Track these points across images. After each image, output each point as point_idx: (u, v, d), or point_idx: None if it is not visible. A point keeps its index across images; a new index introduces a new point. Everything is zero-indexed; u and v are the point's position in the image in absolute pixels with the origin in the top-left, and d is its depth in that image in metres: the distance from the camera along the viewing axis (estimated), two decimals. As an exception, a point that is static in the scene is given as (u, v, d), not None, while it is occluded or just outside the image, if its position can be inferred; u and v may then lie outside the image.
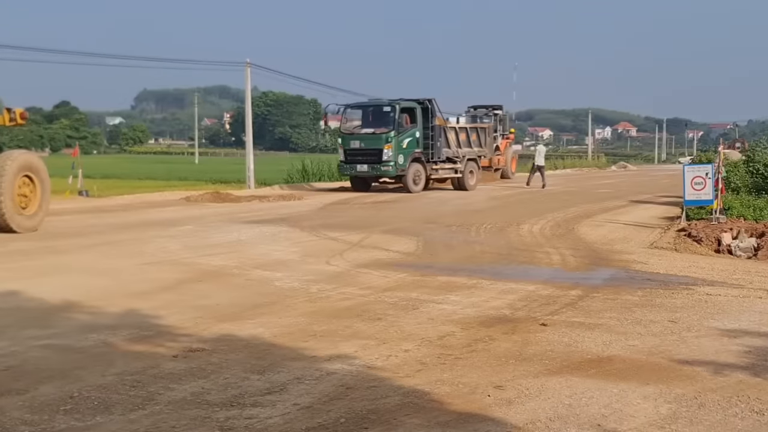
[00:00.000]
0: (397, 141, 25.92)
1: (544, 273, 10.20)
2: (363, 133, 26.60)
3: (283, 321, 7.16)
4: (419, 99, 27.47)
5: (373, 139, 26.11)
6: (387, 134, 25.91)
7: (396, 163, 25.88)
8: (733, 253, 11.88)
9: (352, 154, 26.50)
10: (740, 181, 20.79)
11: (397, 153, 25.89)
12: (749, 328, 6.95)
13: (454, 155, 28.40)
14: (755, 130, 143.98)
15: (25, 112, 16.12)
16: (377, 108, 27.16)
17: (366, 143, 26.23)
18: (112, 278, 9.36)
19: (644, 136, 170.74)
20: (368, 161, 26.06)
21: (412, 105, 26.99)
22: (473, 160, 29.46)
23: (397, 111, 26.09)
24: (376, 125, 26.39)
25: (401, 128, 26.17)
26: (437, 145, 27.27)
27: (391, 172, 26.03)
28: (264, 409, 4.75)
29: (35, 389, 5.11)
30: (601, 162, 70.56)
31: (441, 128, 27.73)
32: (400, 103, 26.64)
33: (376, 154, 25.87)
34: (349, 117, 27.92)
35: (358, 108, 28.18)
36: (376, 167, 26.00)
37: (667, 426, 4.51)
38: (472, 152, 29.57)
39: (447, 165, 28.19)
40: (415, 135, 26.73)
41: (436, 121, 27.35)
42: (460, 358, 5.92)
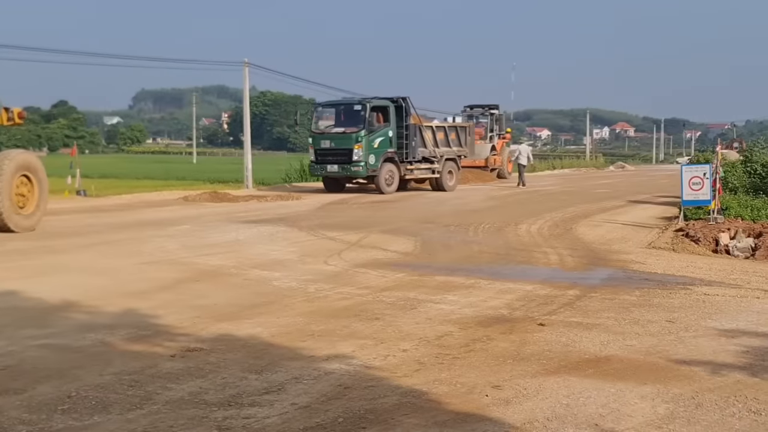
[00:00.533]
0: (367, 140, 25.18)
1: (542, 273, 10.20)
2: (333, 133, 25.93)
3: (281, 321, 7.16)
4: (393, 97, 26.75)
5: (342, 138, 25.43)
6: (357, 134, 25.17)
7: (367, 163, 25.15)
8: (730, 253, 11.90)
9: (323, 154, 25.89)
10: (738, 181, 20.83)
11: (368, 153, 25.18)
12: (747, 328, 6.96)
13: (430, 155, 27.71)
14: (753, 130, 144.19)
15: (23, 112, 16.12)
16: (348, 107, 26.49)
17: (336, 143, 25.58)
18: (109, 278, 9.36)
19: (642, 137, 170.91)
20: (338, 161, 25.44)
21: (385, 103, 26.30)
22: (452, 160, 28.75)
23: (367, 110, 25.36)
24: (346, 124, 25.73)
25: (372, 127, 25.43)
26: (412, 144, 26.56)
27: (361, 172, 25.35)
28: (262, 409, 4.75)
29: (33, 389, 5.10)
30: (599, 162, 70.65)
31: (416, 127, 26.98)
32: (372, 101, 26.01)
33: (346, 154, 25.22)
34: (321, 116, 27.38)
35: (329, 107, 27.61)
36: (346, 167, 25.36)
37: (665, 426, 4.52)
38: (451, 152, 28.77)
39: (423, 165, 27.51)
40: (387, 134, 25.99)
41: (410, 120, 26.68)
42: (458, 358, 5.93)
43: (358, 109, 25.71)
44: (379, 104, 26.10)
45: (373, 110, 25.62)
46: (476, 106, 39.65)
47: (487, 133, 37.98)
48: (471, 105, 39.95)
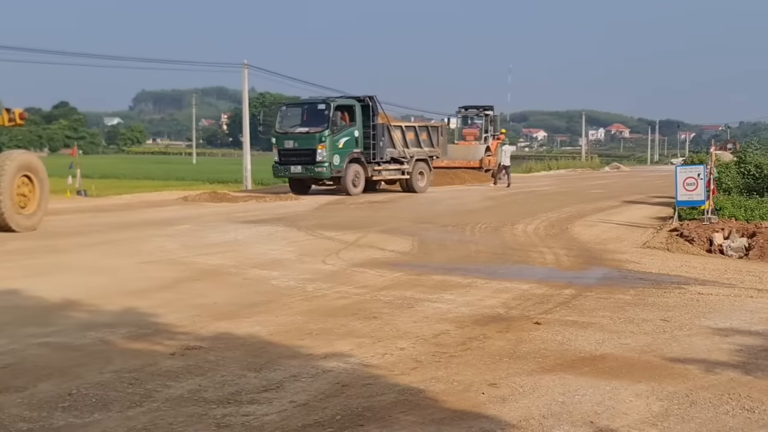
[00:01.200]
0: (331, 140, 24.52)
1: (538, 272, 10.26)
2: (297, 133, 25.19)
3: (280, 319, 7.21)
4: (359, 96, 26.15)
5: (306, 138, 24.75)
6: (320, 133, 24.48)
7: (331, 163, 24.47)
8: (724, 252, 11.97)
9: (286, 155, 25.11)
10: (732, 181, 20.90)
11: (332, 153, 24.50)
12: (740, 327, 7.02)
13: (400, 155, 27.00)
14: (746, 131, 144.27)
15: (24, 113, 16.16)
16: (312, 106, 25.80)
17: (299, 143, 24.90)
18: (110, 277, 9.40)
19: (637, 138, 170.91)
20: (302, 162, 24.70)
21: (351, 102, 25.70)
22: (423, 160, 28.02)
23: (331, 109, 24.70)
24: (310, 124, 25.03)
25: (337, 127, 24.79)
26: (379, 144, 25.87)
27: (325, 173, 24.67)
28: (260, 407, 4.79)
29: (34, 386, 5.14)
30: (594, 163, 70.81)
31: (384, 127, 26.26)
32: (336, 100, 25.44)
33: (310, 155, 24.52)
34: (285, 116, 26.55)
35: (294, 106, 27.14)
36: (309, 168, 24.65)
37: (659, 423, 4.57)
38: (422, 152, 28.05)
39: (392, 166, 26.81)
40: (353, 134, 25.32)
41: (378, 120, 26.00)
42: (455, 356, 5.98)
43: (321, 108, 25.03)
44: (344, 103, 25.52)
45: (338, 109, 24.99)
46: (471, 107, 39.73)
47: (481, 134, 38.08)
48: (466, 106, 40.03)
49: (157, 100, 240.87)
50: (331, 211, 19.40)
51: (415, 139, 27.92)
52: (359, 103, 25.67)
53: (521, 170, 52.73)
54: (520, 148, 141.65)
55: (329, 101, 25.06)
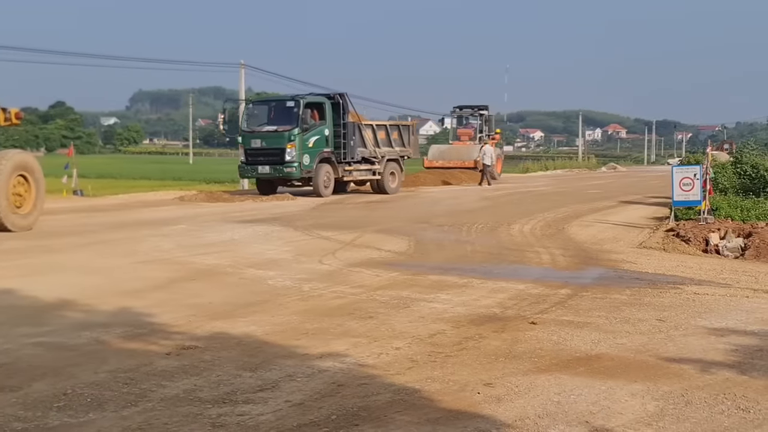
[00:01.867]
0: (301, 139, 23.58)
1: (534, 272, 10.27)
2: (264, 132, 24.15)
3: (276, 319, 7.21)
4: (329, 93, 25.39)
5: (274, 137, 23.74)
6: (290, 132, 23.54)
7: (301, 163, 23.54)
8: (720, 253, 11.99)
9: (254, 155, 24.09)
10: (728, 182, 20.93)
11: (301, 152, 23.56)
12: (736, 327, 7.03)
13: (371, 155, 26.01)
14: (743, 132, 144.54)
15: (20, 112, 16.14)
16: (280, 103, 24.88)
17: (267, 142, 23.89)
18: (105, 277, 9.39)
19: (634, 138, 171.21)
20: (270, 162, 23.72)
21: (321, 100, 24.74)
22: (395, 160, 27.08)
23: (301, 106, 23.70)
24: (278, 122, 24.01)
25: (307, 125, 23.76)
26: (350, 143, 24.96)
27: (294, 173, 23.73)
28: (256, 406, 4.79)
29: (28, 386, 5.14)
30: (591, 163, 70.90)
31: (355, 125, 25.30)
32: (306, 97, 24.48)
33: (278, 154, 23.56)
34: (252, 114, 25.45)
35: (260, 104, 26.19)
36: (278, 168, 23.66)
37: (654, 423, 4.57)
38: (393, 152, 27.06)
39: (363, 166, 25.86)
40: (323, 133, 24.37)
41: (349, 118, 25.08)
42: (451, 356, 5.98)
43: (290, 105, 24.07)
44: (313, 101, 24.53)
45: (308, 107, 23.99)
46: (466, 107, 39.75)
47: (476, 134, 38.10)
48: (460, 106, 40.04)
49: (153, 100, 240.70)
50: (328, 211, 19.39)
51: (386, 139, 27.05)
52: (329, 101, 24.83)
53: (518, 170, 52.83)
54: (517, 148, 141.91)
55: (298, 98, 24.18)
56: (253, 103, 26.28)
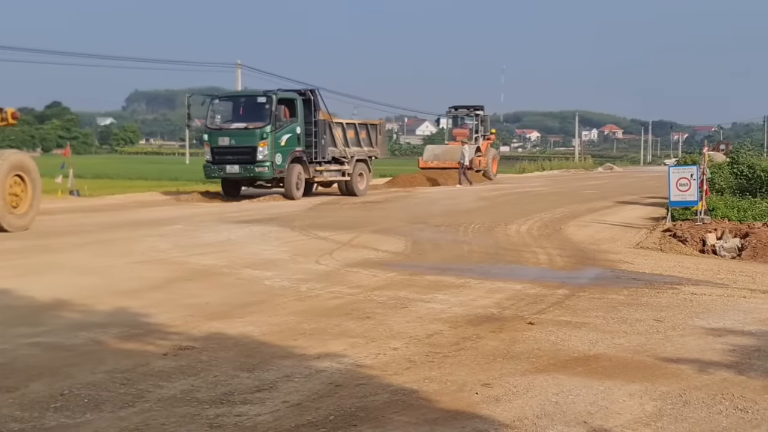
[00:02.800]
0: (273, 137, 22.35)
1: (532, 272, 10.27)
2: (233, 129, 22.78)
3: (273, 319, 7.20)
4: (300, 89, 24.30)
5: (245, 135, 22.43)
6: (262, 129, 22.26)
7: (273, 163, 22.29)
8: (717, 253, 12.00)
9: (221, 153, 22.68)
10: (725, 182, 20.97)
11: (274, 151, 22.32)
12: (733, 327, 7.03)
13: (341, 155, 24.83)
14: (739, 132, 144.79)
15: (16, 112, 16.10)
16: (250, 99, 23.54)
17: (237, 140, 22.53)
18: (102, 277, 9.37)
19: (630, 138, 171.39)
20: (240, 161, 22.35)
21: (292, 96, 23.47)
22: (363, 161, 25.95)
23: (273, 102, 22.42)
24: (248, 119, 22.69)
25: (279, 122, 22.55)
26: (321, 143, 23.69)
27: (266, 173, 22.46)
28: (253, 407, 4.78)
29: (25, 387, 5.12)
30: (587, 163, 71.05)
31: (326, 124, 24.01)
32: (278, 92, 23.15)
33: (249, 153, 22.23)
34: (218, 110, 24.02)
35: (227, 100, 24.70)
36: (249, 168, 22.32)
37: (652, 423, 4.57)
38: (362, 152, 25.90)
39: (333, 166, 24.66)
40: (295, 131, 23.08)
41: (320, 116, 23.83)
42: (448, 356, 5.97)
43: (262, 101, 22.75)
44: (285, 96, 23.25)
45: (280, 103, 22.76)
46: (461, 107, 39.81)
47: (472, 135, 38.16)
48: (456, 106, 40.11)
49: (150, 100, 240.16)
50: (325, 211, 19.40)
51: (355, 138, 25.84)
52: (300, 97, 23.62)
53: (515, 171, 52.87)
54: (513, 149, 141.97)
55: (270, 94, 22.88)
56: (219, 98, 24.56)
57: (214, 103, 23.95)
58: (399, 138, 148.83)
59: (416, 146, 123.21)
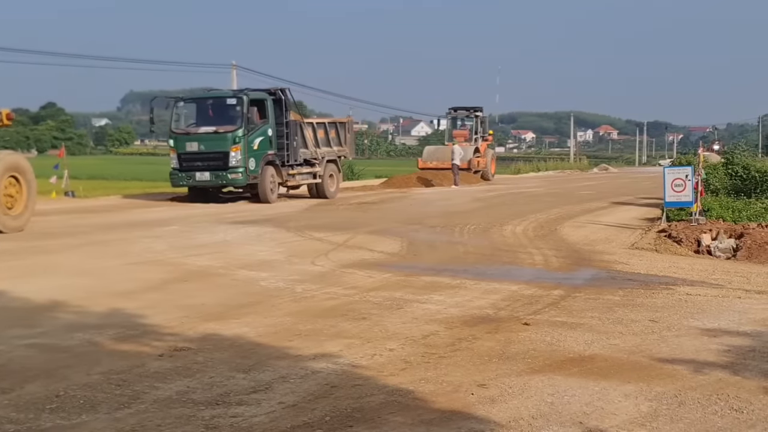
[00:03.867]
0: (246, 141, 21.05)
1: (527, 273, 10.28)
2: (202, 133, 21.28)
3: (269, 320, 7.20)
4: (269, 89, 22.90)
5: (216, 139, 21.06)
6: (234, 133, 20.94)
7: (247, 168, 20.99)
8: (712, 253, 12.02)
9: (189, 160, 21.23)
10: (719, 183, 21.02)
11: (247, 156, 21.01)
12: (728, 328, 7.04)
13: (312, 156, 23.56)
14: (734, 133, 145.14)
15: (11, 113, 16.07)
16: (219, 101, 21.98)
17: (207, 145, 21.10)
18: (97, 278, 9.36)
19: (625, 139, 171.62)
20: (210, 168, 21.01)
21: (263, 96, 22.08)
22: (333, 161, 24.72)
23: (245, 104, 21.10)
24: (218, 122, 21.28)
25: (252, 125, 21.30)
26: (293, 144, 22.38)
27: (240, 180, 21.15)
28: (249, 408, 4.78)
29: (21, 388, 5.12)
30: (582, 164, 71.17)
31: (297, 124, 22.76)
32: (249, 93, 21.84)
33: (221, 159, 20.91)
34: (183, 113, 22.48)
35: (193, 102, 22.67)
36: (221, 175, 21.00)
37: (648, 423, 4.58)
38: (332, 152, 24.69)
39: (305, 168, 23.37)
40: (267, 133, 21.78)
41: (290, 116, 22.54)
42: (444, 357, 5.98)
43: (232, 103, 21.39)
44: (255, 97, 21.89)
45: (252, 104, 21.55)
46: (460, 108, 39.98)
47: (471, 136, 38.37)
48: (455, 107, 40.29)
49: (145, 101, 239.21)
50: (320, 213, 19.39)
51: (325, 138, 24.56)
52: (270, 97, 22.23)
53: (510, 171, 52.92)
54: (508, 150, 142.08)
55: (242, 95, 21.56)
56: (184, 100, 22.71)
57: (178, 105, 22.45)
58: (394, 139, 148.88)
59: (412, 147, 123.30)
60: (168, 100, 22.68)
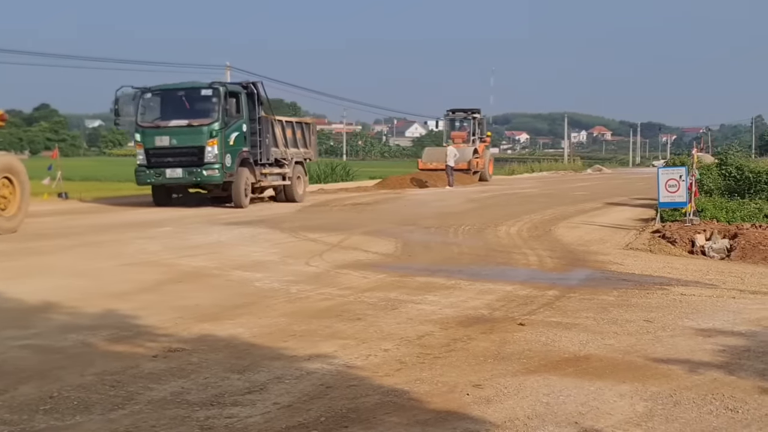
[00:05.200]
0: (223, 136, 19.72)
1: (522, 274, 10.28)
2: (174, 127, 19.80)
3: (263, 321, 7.18)
4: (242, 82, 21.87)
5: (189, 133, 19.62)
6: (210, 126, 19.56)
7: (223, 165, 19.64)
8: (706, 254, 12.05)
9: (159, 155, 19.81)
10: (713, 183, 21.07)
11: (224, 152, 19.71)
12: (723, 328, 7.05)
13: (282, 156, 22.43)
14: (727, 134, 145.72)
15: (4, 114, 16.04)
16: (193, 91, 20.42)
17: (180, 140, 19.67)
18: (91, 279, 9.33)
19: (619, 140, 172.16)
20: (183, 164, 19.62)
21: (237, 89, 20.78)
22: (300, 163, 23.65)
23: (221, 95, 19.79)
24: (191, 115, 19.89)
25: (229, 118, 20.00)
26: (266, 142, 21.16)
27: (217, 177, 19.64)
28: (244, 409, 4.77)
29: (14, 389, 5.09)
30: (576, 165, 71.38)
31: (268, 121, 21.48)
32: (226, 85, 20.69)
33: (196, 154, 19.51)
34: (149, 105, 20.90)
35: (161, 92, 20.89)
36: (196, 172, 19.57)
37: (643, 423, 4.58)
38: (299, 153, 23.65)
39: (276, 169, 22.17)
40: (242, 128, 20.43)
41: (262, 112, 21.33)
42: (439, 358, 5.97)
43: (207, 94, 20.04)
44: (231, 89, 20.61)
45: (230, 96, 20.31)
46: (459, 110, 40.50)
47: (469, 137, 38.79)
48: (453, 109, 40.85)
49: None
50: (315, 213, 19.37)
51: (293, 138, 23.49)
52: (244, 90, 20.96)
53: (504, 172, 53.01)
54: (502, 151, 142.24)
55: (218, 86, 20.18)
56: (152, 91, 20.85)
57: (145, 97, 20.72)
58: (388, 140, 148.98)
59: (406, 148, 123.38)
60: (135, 91, 20.86)
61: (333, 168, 39.26)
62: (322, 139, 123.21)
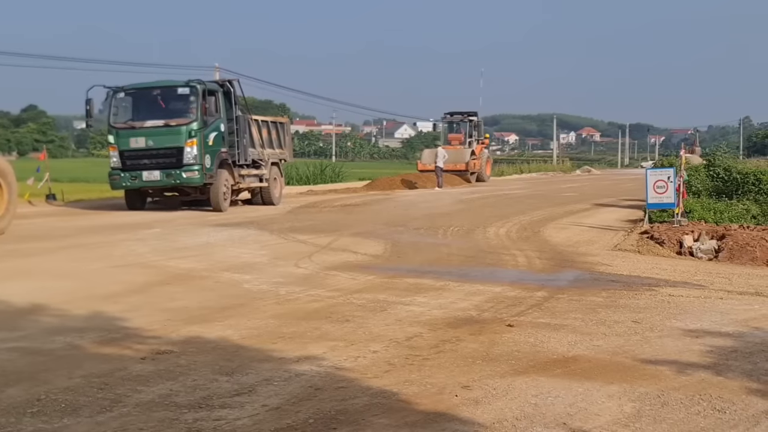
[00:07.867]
0: (202, 136, 18.99)
1: (511, 275, 10.29)
2: (150, 127, 18.97)
3: (252, 323, 7.16)
4: (218, 80, 21.41)
5: (167, 134, 18.87)
6: (188, 126, 18.80)
7: (203, 166, 18.90)
8: (694, 254, 12.10)
9: (134, 158, 18.97)
10: (701, 184, 21.16)
11: (203, 152, 18.95)
12: (711, 328, 7.08)
13: (258, 157, 21.64)
14: (715, 135, 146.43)
15: None
16: (169, 90, 19.61)
17: (157, 140, 18.90)
18: (79, 281, 9.29)
19: (608, 141, 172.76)
20: (161, 166, 18.84)
21: (214, 87, 20.02)
22: (276, 164, 22.83)
23: (199, 93, 19.00)
24: (168, 115, 19.13)
25: (208, 118, 19.22)
26: (244, 142, 20.41)
27: (197, 179, 18.91)
28: (232, 411, 4.76)
29: (2, 392, 5.06)
30: (565, 166, 71.63)
31: (245, 120, 20.72)
32: (204, 83, 19.68)
33: (174, 155, 18.76)
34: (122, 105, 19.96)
35: (135, 92, 19.92)
36: (175, 174, 18.76)
37: (631, 424, 4.59)
38: (275, 154, 22.84)
39: (253, 171, 21.42)
40: (219, 128, 19.67)
41: (239, 111, 20.59)
42: (428, 359, 5.97)
43: (184, 93, 19.20)
44: (210, 88, 19.79)
45: (209, 95, 19.46)
46: (456, 113, 41.30)
47: (466, 139, 39.47)
48: (451, 112, 41.75)
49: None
50: (304, 215, 19.34)
51: (268, 138, 22.72)
52: (220, 89, 20.23)
53: (493, 173, 53.04)
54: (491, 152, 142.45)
55: (196, 84, 19.25)
56: (125, 90, 19.88)
57: (118, 96, 19.79)
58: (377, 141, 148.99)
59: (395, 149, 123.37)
60: (107, 90, 19.90)
61: (322, 169, 39.25)
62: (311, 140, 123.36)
